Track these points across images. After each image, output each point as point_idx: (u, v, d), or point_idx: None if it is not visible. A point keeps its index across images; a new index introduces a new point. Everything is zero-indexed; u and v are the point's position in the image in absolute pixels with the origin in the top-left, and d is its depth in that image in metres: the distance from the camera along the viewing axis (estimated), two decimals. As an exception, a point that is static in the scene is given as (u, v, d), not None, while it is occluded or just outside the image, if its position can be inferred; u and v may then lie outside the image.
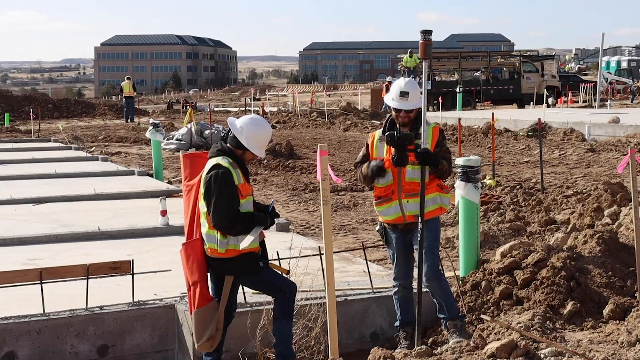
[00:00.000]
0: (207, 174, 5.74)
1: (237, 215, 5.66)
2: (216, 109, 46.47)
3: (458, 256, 7.82)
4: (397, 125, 6.38)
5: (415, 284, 6.72)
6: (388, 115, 6.56)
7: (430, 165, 6.21)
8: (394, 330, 6.74)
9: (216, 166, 5.73)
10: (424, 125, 6.22)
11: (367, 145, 6.56)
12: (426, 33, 6.22)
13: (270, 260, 6.07)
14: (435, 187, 6.37)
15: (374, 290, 7.07)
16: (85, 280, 6.49)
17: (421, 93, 6.39)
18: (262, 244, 5.97)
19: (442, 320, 6.48)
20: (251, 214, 5.76)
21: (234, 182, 5.67)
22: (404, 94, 6.32)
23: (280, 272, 6.01)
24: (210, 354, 5.98)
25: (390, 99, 6.38)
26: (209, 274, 5.92)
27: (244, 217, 5.70)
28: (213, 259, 5.79)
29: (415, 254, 6.53)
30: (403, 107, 6.34)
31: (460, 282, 7.15)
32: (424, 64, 6.52)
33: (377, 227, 6.66)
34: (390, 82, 37.82)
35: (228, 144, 5.85)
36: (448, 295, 6.46)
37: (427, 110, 37.86)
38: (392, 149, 6.25)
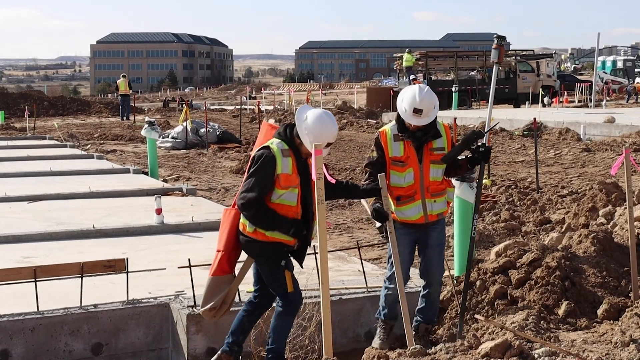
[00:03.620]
0: (257, 151, 5.72)
1: (258, 202, 5.53)
2: (212, 107, 46.45)
3: (453, 255, 7.82)
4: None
5: (410, 284, 6.73)
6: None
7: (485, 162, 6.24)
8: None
9: (266, 147, 5.67)
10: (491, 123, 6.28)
11: (380, 145, 6.26)
12: (501, 38, 6.27)
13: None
14: (446, 184, 6.41)
15: (369, 290, 7.07)
16: (80, 279, 6.48)
17: (435, 106, 6.21)
18: (305, 244, 5.83)
19: (416, 321, 6.48)
20: (275, 213, 5.58)
21: (274, 168, 5.56)
22: (417, 111, 6.08)
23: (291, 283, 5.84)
24: (230, 348, 5.89)
25: (404, 111, 6.13)
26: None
27: (268, 211, 5.56)
28: (242, 234, 5.74)
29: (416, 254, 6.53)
30: (417, 123, 6.14)
31: (455, 281, 7.16)
32: (495, 67, 6.60)
33: (378, 225, 6.48)
34: (417, 80, 37.79)
35: (293, 131, 5.76)
36: (439, 299, 6.53)
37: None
38: (412, 147, 6.15)
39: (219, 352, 5.94)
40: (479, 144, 6.16)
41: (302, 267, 5.97)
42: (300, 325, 6.31)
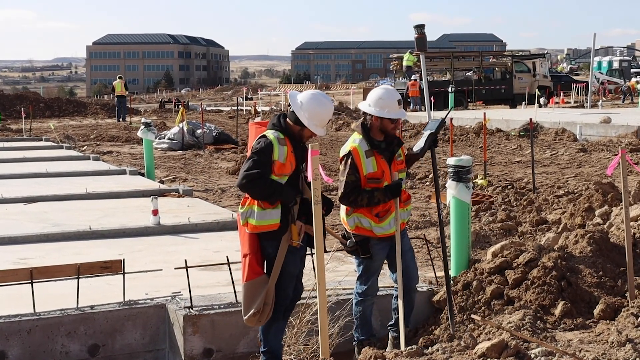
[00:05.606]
0: (255, 141, 5.75)
1: (262, 178, 5.54)
2: (208, 109, 46.43)
3: (449, 256, 7.82)
4: (382, 134, 6.11)
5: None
6: (360, 122, 6.16)
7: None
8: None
9: (262, 136, 5.70)
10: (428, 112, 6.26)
11: (356, 167, 5.97)
12: (420, 27, 6.25)
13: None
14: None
15: (366, 290, 7.05)
16: (76, 280, 6.48)
17: None
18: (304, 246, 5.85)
19: (394, 330, 6.40)
20: (281, 184, 5.62)
21: (271, 154, 5.60)
22: (400, 102, 6.09)
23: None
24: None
25: (386, 112, 5.96)
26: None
27: (272, 182, 5.59)
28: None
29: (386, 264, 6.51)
30: (401, 116, 6.10)
31: (452, 281, 7.16)
32: (421, 57, 6.55)
33: (350, 243, 6.18)
34: (415, 80, 37.86)
35: (287, 119, 5.76)
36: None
37: (420, 110, 37.87)
38: (384, 160, 6.07)
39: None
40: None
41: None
42: (297, 326, 6.31)
